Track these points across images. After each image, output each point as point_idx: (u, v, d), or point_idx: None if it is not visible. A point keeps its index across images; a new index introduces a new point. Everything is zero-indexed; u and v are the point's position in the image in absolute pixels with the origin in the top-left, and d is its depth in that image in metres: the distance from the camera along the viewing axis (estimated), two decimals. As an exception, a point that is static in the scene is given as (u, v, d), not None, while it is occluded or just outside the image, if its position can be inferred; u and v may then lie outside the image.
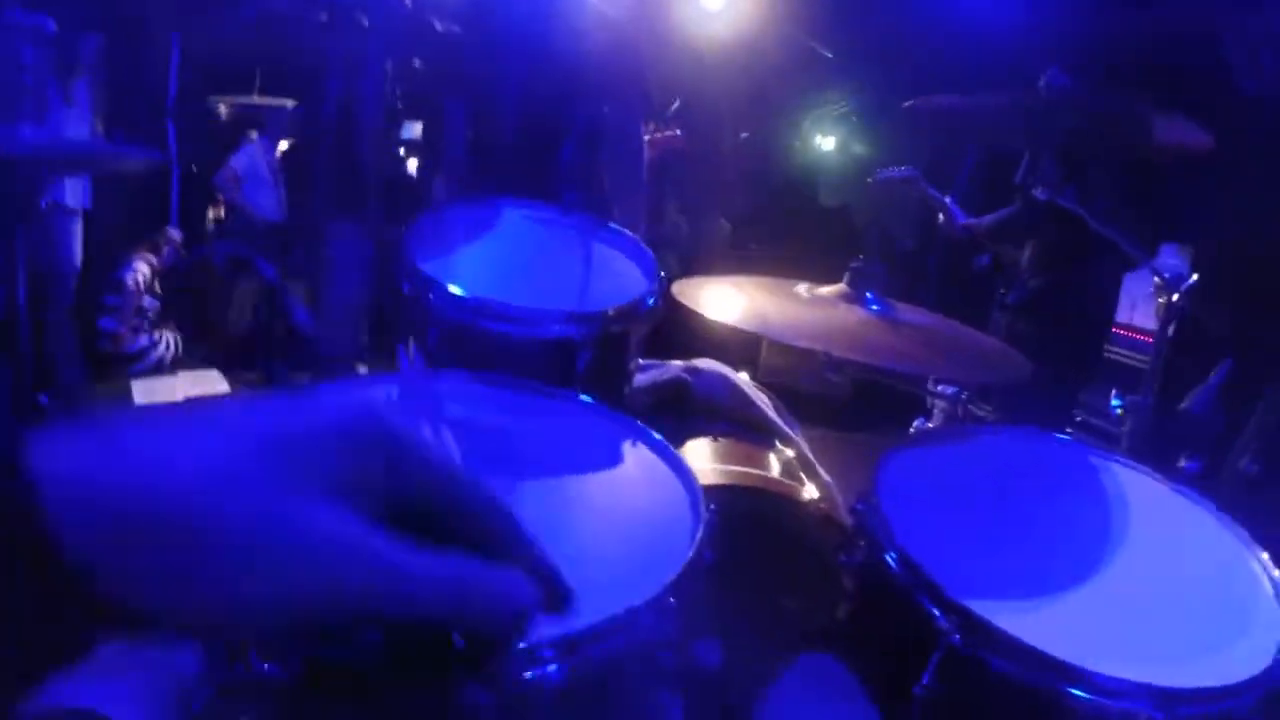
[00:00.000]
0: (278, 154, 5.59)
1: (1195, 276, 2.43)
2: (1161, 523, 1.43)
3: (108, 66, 4.19)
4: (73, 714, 0.89)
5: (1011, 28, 4.09)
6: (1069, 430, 3.08)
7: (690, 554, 1.01)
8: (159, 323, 4.90)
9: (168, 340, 4.89)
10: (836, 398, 4.00)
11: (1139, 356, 3.72)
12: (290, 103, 5.57)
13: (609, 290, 1.71)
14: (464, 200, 1.99)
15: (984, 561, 1.25)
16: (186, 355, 4.98)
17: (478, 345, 1.56)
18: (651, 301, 1.72)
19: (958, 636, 1.09)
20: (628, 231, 1.98)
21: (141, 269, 4.78)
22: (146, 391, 4.54)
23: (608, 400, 1.50)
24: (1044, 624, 1.10)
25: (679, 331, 2.17)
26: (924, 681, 1.13)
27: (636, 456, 1.32)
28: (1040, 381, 1.81)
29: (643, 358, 2.07)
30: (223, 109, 6.07)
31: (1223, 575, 1.30)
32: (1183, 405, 2.55)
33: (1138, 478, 1.53)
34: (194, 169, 5.39)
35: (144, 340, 4.77)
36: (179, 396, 2.57)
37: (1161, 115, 2.25)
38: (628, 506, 1.19)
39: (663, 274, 1.80)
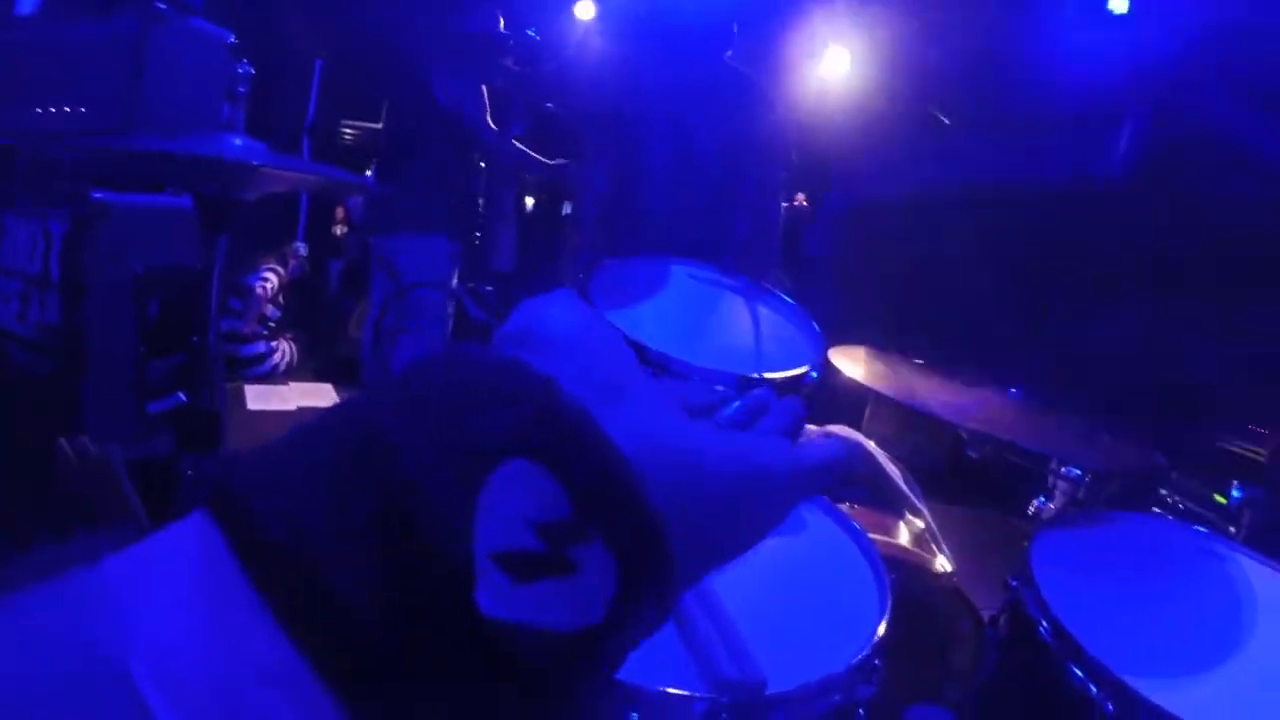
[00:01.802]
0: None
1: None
2: None
3: (256, 84, 4.44)
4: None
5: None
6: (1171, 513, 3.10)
7: (885, 617, 1.10)
8: (278, 332, 5.11)
9: (284, 349, 5.09)
10: (937, 469, 4.03)
11: (1240, 443, 3.68)
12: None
13: (779, 357, 1.79)
14: (637, 256, 2.08)
15: (1129, 635, 1.32)
16: (300, 366, 5.19)
17: None
18: (816, 374, 1.79)
19: (1111, 706, 1.16)
20: (791, 301, 2.06)
21: (270, 278, 5.00)
22: (259, 397, 4.73)
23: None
24: (1185, 696, 1.16)
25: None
26: None
27: (818, 523, 1.39)
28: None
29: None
30: (348, 133, 6.34)
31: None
32: None
33: (1264, 570, 1.60)
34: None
35: (263, 346, 4.98)
36: (290, 406, 2.73)
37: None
38: (821, 572, 1.26)
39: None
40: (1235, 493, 2.57)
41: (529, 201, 5.56)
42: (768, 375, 1.70)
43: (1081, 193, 3.25)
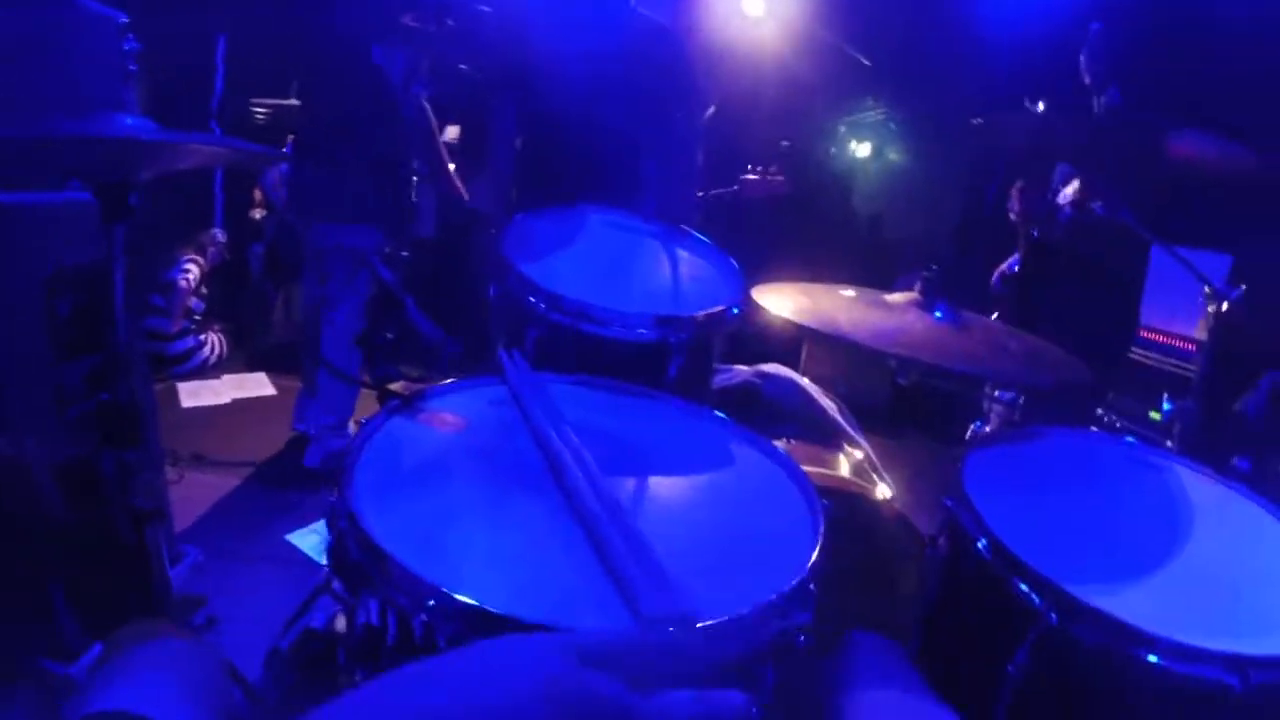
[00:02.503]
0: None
1: (1244, 287, 2.49)
2: (1221, 514, 1.51)
3: (156, 68, 4.26)
4: (109, 716, 0.90)
5: (1048, 42, 4.13)
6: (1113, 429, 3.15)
7: (819, 542, 1.08)
8: (204, 324, 4.98)
9: (213, 342, 4.97)
10: (877, 405, 4.06)
11: (1174, 362, 3.74)
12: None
13: (698, 296, 1.77)
14: (551, 206, 2.05)
15: (1067, 546, 1.32)
16: (230, 357, 5.07)
17: (575, 347, 1.61)
18: (738, 308, 1.77)
19: (1054, 615, 1.16)
20: (710, 243, 2.04)
21: (191, 270, 4.86)
22: (192, 393, 4.62)
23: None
24: (1127, 601, 1.17)
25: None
26: (1018, 659, 1.21)
27: (745, 456, 1.37)
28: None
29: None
30: (260, 113, 6.15)
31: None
32: (1236, 407, 2.59)
33: (1196, 475, 1.62)
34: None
35: (190, 341, 4.85)
36: (225, 399, 2.68)
37: (1188, 132, 2.28)
38: (750, 503, 1.24)
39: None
40: (1166, 405, 2.62)
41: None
42: (689, 315, 1.67)
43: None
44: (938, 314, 1.85)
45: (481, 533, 1.07)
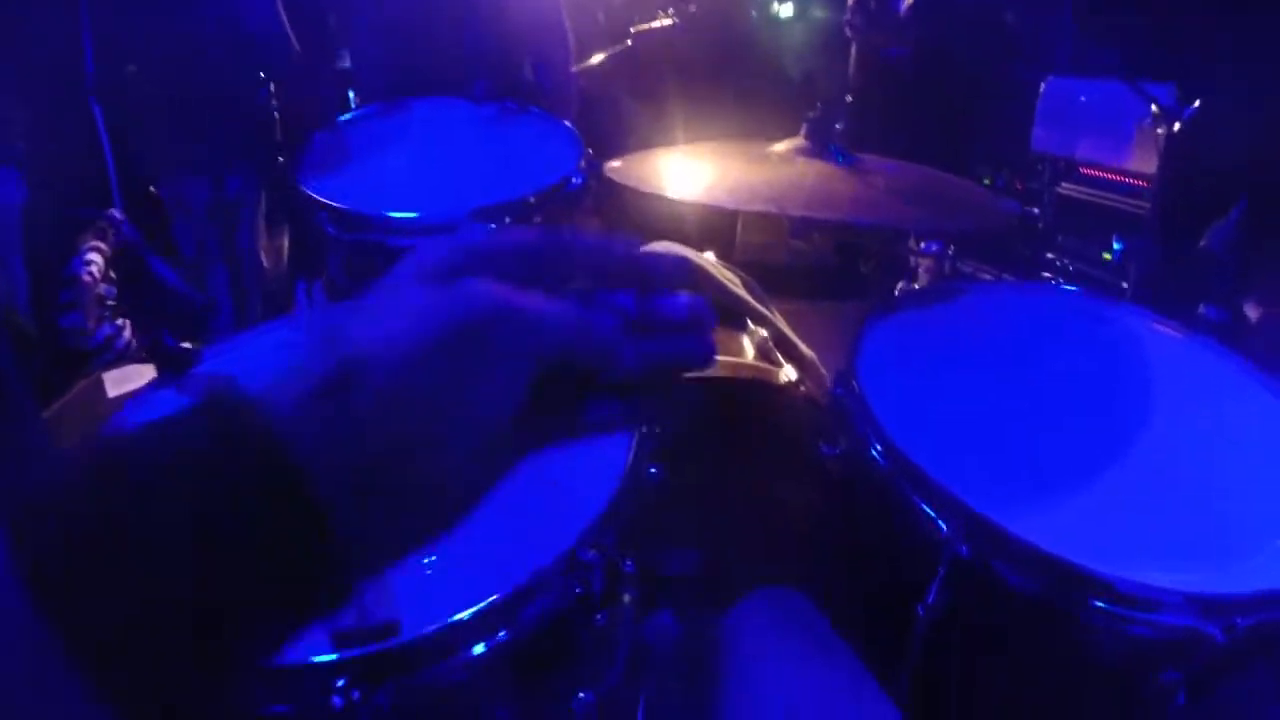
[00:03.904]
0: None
1: (1198, 103, 2.16)
2: (1189, 384, 1.17)
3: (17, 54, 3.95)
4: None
5: None
6: (1064, 279, 2.84)
7: (617, 487, 0.84)
8: (118, 309, 4.73)
9: (130, 325, 4.73)
10: (820, 268, 3.76)
11: (1120, 199, 3.37)
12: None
13: (529, 177, 1.51)
14: (362, 109, 1.79)
15: (985, 448, 1.03)
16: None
17: (384, 265, 1.37)
18: (578, 181, 1.51)
19: (964, 547, 0.89)
20: (546, 113, 1.77)
21: (94, 259, 4.60)
22: (119, 381, 4.40)
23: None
24: (1062, 522, 0.90)
25: (640, 216, 1.97)
26: (929, 600, 0.94)
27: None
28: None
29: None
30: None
31: (1268, 445, 1.05)
32: (1202, 244, 2.25)
33: (1157, 330, 1.29)
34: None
35: (108, 329, 4.61)
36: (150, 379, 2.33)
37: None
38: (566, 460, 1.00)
39: (590, 150, 1.60)
40: (1116, 245, 2.34)
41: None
42: (515, 198, 1.42)
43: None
44: (837, 159, 1.57)
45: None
